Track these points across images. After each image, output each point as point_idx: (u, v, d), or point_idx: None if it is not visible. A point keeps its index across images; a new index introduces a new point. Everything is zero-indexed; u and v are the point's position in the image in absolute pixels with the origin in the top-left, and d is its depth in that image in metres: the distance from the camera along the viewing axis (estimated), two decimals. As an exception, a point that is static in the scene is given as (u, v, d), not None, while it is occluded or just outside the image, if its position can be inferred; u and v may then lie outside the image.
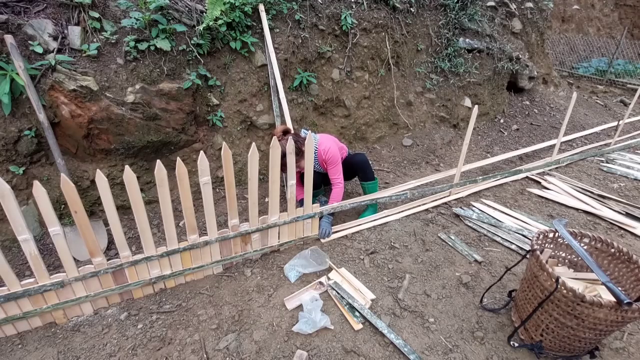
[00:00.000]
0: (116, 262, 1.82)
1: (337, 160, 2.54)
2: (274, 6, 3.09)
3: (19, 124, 2.26)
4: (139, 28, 2.50)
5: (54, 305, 1.75)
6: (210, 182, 1.85)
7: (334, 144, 2.58)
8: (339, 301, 1.97)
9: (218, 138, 2.98)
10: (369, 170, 2.75)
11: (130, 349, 1.70)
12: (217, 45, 2.84)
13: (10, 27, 2.19)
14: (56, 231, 1.59)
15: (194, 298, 2.00)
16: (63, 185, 1.52)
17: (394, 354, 1.70)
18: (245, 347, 1.72)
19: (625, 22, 10.15)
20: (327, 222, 2.52)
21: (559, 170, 3.75)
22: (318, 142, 2.54)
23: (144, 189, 2.70)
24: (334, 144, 2.58)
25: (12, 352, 1.66)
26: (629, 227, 2.73)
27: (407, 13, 3.92)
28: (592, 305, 1.42)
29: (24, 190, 2.34)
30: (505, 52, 4.75)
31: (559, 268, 1.95)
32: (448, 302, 2.01)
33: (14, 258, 2.24)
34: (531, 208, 3.02)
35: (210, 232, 2.02)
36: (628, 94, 7.03)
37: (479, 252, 2.42)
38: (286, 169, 2.10)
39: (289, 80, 3.24)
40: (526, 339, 1.74)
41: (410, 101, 4.05)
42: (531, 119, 5.04)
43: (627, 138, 4.80)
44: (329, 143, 2.54)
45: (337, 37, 3.46)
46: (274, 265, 2.26)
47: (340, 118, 3.63)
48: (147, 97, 2.50)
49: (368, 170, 2.74)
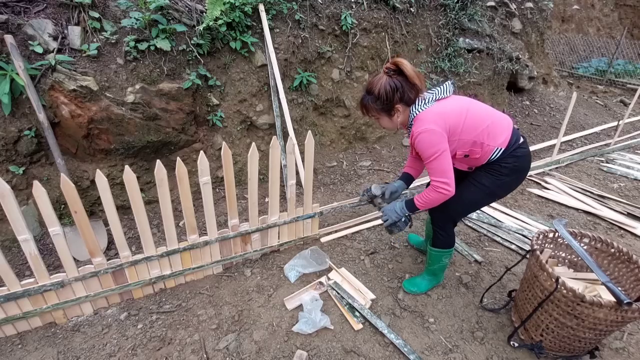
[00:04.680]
0: (116, 262, 1.82)
1: (432, 150, 1.54)
2: (274, 6, 3.09)
3: (19, 124, 2.26)
4: (139, 28, 2.50)
5: (54, 305, 1.75)
6: (210, 182, 1.85)
7: (435, 123, 1.53)
8: (339, 301, 1.97)
9: (218, 138, 2.98)
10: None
11: (130, 349, 1.70)
12: (217, 45, 2.84)
13: (10, 27, 2.19)
14: (56, 231, 1.59)
15: (194, 298, 2.00)
16: (63, 185, 1.52)
17: (394, 354, 1.70)
18: (245, 347, 1.72)
19: (625, 22, 10.15)
20: (400, 215, 1.74)
21: (559, 170, 3.74)
22: (419, 114, 1.59)
23: (144, 189, 2.70)
24: (435, 123, 1.53)
25: (12, 352, 1.66)
26: (629, 227, 2.73)
27: (407, 13, 3.91)
28: (592, 305, 1.42)
29: (24, 190, 2.34)
30: (505, 52, 4.75)
31: (559, 268, 1.95)
32: (448, 302, 2.01)
33: (14, 258, 2.24)
34: (531, 208, 3.02)
35: (210, 232, 2.02)
36: (628, 94, 7.03)
37: (479, 252, 2.42)
38: (366, 110, 1.68)
39: (289, 80, 3.24)
40: (526, 339, 1.74)
41: (410, 101, 4.04)
42: (531, 119, 5.03)
43: (627, 138, 4.80)
44: (427, 120, 1.54)
45: (337, 37, 3.46)
46: (274, 265, 2.26)
47: (340, 118, 3.63)
48: (147, 97, 2.50)
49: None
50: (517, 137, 1.67)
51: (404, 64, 1.54)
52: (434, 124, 1.52)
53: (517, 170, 1.66)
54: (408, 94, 1.57)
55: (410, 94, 1.57)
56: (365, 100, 1.65)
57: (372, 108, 1.65)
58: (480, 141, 1.60)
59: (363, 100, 1.66)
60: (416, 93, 1.59)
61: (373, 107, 1.64)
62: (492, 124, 1.60)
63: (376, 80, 1.59)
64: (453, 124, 1.56)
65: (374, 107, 1.64)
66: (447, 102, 1.61)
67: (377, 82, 1.58)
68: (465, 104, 1.62)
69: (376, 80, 1.59)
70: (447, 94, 1.63)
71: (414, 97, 1.59)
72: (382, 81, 1.57)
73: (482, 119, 1.60)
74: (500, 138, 1.61)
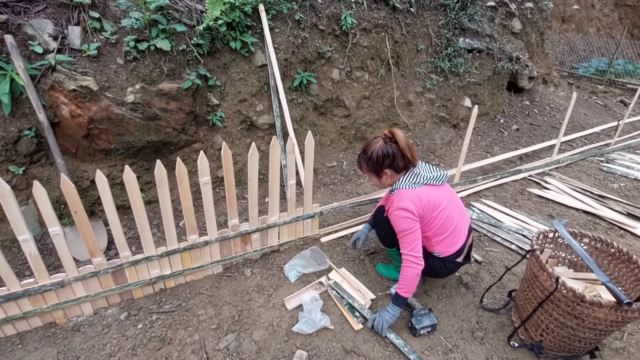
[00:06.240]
0: (116, 262, 1.82)
1: (405, 227, 1.66)
2: (274, 6, 3.09)
3: (19, 124, 2.26)
4: (139, 28, 2.50)
5: (54, 305, 1.75)
6: (210, 182, 1.85)
7: (413, 204, 1.64)
8: (339, 301, 1.97)
9: (218, 138, 2.98)
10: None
11: (130, 349, 1.70)
12: (217, 45, 2.84)
13: (10, 27, 2.19)
14: (56, 231, 1.59)
15: (194, 298, 2.00)
16: (63, 185, 1.52)
17: (393, 354, 1.70)
18: (245, 347, 1.72)
19: (625, 22, 10.15)
20: (389, 315, 1.74)
21: (559, 170, 3.74)
22: (403, 190, 1.70)
23: (144, 189, 2.70)
24: (413, 204, 1.64)
25: (12, 352, 1.66)
26: (629, 227, 2.73)
27: (407, 13, 3.91)
28: (592, 305, 1.42)
29: (24, 190, 2.34)
30: (505, 52, 4.75)
31: (559, 268, 1.95)
32: (448, 302, 2.01)
33: (14, 258, 2.24)
34: (531, 208, 3.02)
35: (210, 232, 2.02)
36: (628, 94, 7.03)
37: (479, 252, 2.42)
38: (361, 167, 1.81)
39: (289, 80, 3.24)
40: (526, 339, 1.74)
41: (410, 101, 4.04)
42: (531, 119, 5.03)
43: (627, 138, 4.80)
44: (406, 197, 1.65)
45: (337, 37, 3.46)
46: (274, 265, 2.26)
47: (340, 118, 3.63)
48: (147, 97, 2.50)
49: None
50: (461, 253, 1.83)
51: (398, 135, 1.68)
52: (411, 203, 1.64)
53: (431, 271, 1.85)
54: (398, 161, 1.70)
55: (400, 162, 1.71)
56: (360, 158, 1.81)
57: (364, 166, 1.80)
58: (433, 240, 1.77)
59: (358, 157, 1.83)
60: (405, 163, 1.72)
61: (364, 165, 1.79)
62: (455, 230, 1.76)
63: (372, 143, 1.75)
64: (425, 212, 1.68)
65: (365, 166, 1.79)
66: (432, 191, 1.71)
67: (373, 145, 1.74)
68: (446, 199, 1.74)
69: (372, 143, 1.74)
70: (439, 182, 1.74)
71: (402, 166, 1.72)
72: (377, 145, 1.72)
73: (450, 224, 1.74)
74: (450, 248, 1.78)
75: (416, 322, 1.76)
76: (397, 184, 1.74)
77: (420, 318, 1.78)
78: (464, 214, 1.86)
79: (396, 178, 1.75)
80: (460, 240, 1.80)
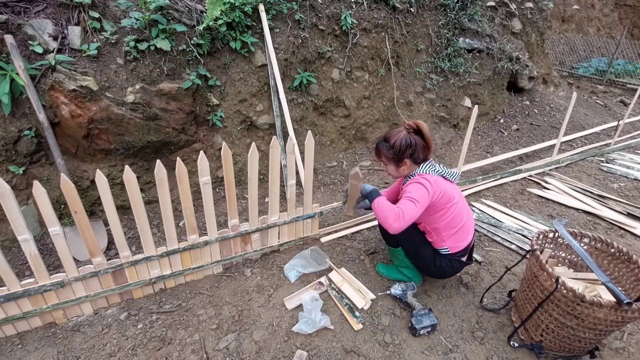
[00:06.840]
0: (116, 262, 1.82)
1: (416, 195, 1.65)
2: (274, 6, 3.09)
3: (19, 124, 2.26)
4: (139, 28, 2.50)
5: (54, 305, 1.75)
6: (210, 182, 1.85)
7: (432, 184, 1.69)
8: (339, 301, 1.97)
9: (218, 138, 2.98)
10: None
11: (130, 349, 1.70)
12: (217, 45, 2.84)
13: (10, 27, 2.19)
14: (56, 231, 1.59)
15: (194, 298, 2.00)
16: (63, 185, 1.52)
17: (394, 354, 1.70)
18: (245, 347, 1.72)
19: (625, 22, 10.15)
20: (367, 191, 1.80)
21: (559, 170, 3.74)
22: (425, 174, 1.76)
23: (144, 189, 2.70)
24: (432, 184, 1.69)
25: (12, 352, 1.66)
26: (629, 227, 2.73)
27: (407, 13, 3.91)
28: (592, 305, 1.42)
29: (24, 190, 2.34)
30: (505, 52, 4.75)
31: (559, 268, 1.95)
32: (448, 302, 2.01)
33: (14, 258, 2.24)
34: (531, 208, 3.02)
35: (210, 232, 2.02)
36: (628, 94, 7.03)
37: (479, 252, 2.42)
38: (379, 154, 1.83)
39: (289, 80, 3.24)
40: (526, 339, 1.74)
41: (410, 101, 4.04)
42: (531, 119, 5.03)
43: (627, 138, 4.81)
44: (428, 176, 1.73)
45: (337, 37, 3.46)
46: (274, 265, 2.26)
47: (340, 118, 3.63)
48: (147, 97, 2.50)
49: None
50: (466, 252, 1.87)
51: (424, 128, 1.73)
52: (434, 183, 1.69)
53: (438, 272, 1.88)
54: (419, 153, 1.75)
55: (420, 154, 1.75)
56: (380, 146, 1.81)
57: (384, 154, 1.80)
58: (444, 233, 1.80)
59: (378, 145, 1.82)
60: (425, 155, 1.78)
61: (385, 153, 1.80)
62: (464, 226, 1.81)
63: (395, 132, 1.77)
64: (442, 200, 1.72)
65: (386, 154, 1.79)
66: (447, 184, 1.77)
67: (396, 134, 1.76)
68: (457, 195, 1.81)
69: (395, 132, 1.77)
70: (452, 179, 1.82)
71: (422, 158, 1.77)
72: (401, 135, 1.74)
73: (460, 219, 1.79)
74: (460, 244, 1.82)
75: (416, 322, 1.77)
76: (415, 171, 1.79)
77: (420, 318, 1.78)
78: (470, 213, 1.91)
79: (413, 169, 1.80)
80: (468, 237, 1.85)
